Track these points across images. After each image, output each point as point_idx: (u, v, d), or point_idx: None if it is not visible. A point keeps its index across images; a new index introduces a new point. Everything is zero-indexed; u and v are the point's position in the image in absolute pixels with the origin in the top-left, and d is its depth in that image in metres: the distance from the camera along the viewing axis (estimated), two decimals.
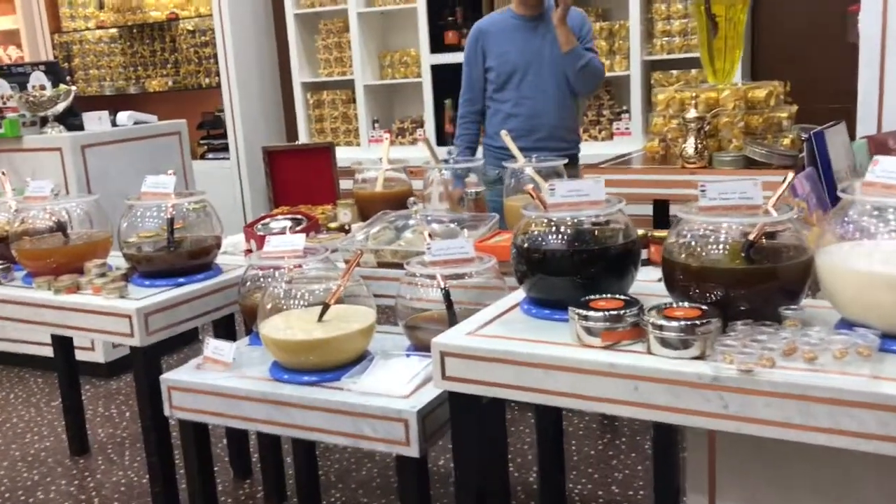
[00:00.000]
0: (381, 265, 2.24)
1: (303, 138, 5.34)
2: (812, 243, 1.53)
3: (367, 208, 2.59)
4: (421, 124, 5.05)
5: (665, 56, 4.36)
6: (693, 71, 4.27)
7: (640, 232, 1.85)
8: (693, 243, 1.53)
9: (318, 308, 1.87)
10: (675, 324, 1.40)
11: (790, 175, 1.55)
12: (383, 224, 2.38)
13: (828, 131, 2.44)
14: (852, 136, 2.80)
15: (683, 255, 1.53)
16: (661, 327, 1.41)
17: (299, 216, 2.53)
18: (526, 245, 1.68)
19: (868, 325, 1.36)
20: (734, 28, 2.75)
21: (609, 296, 1.57)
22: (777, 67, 4.28)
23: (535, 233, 1.69)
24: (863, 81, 3.41)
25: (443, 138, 4.87)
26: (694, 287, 1.49)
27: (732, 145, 2.67)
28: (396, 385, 1.76)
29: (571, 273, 1.63)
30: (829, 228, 1.48)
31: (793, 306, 1.44)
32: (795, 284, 1.48)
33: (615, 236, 1.66)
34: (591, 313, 1.49)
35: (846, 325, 1.42)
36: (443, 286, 1.89)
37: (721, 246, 1.50)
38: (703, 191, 1.54)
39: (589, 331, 1.49)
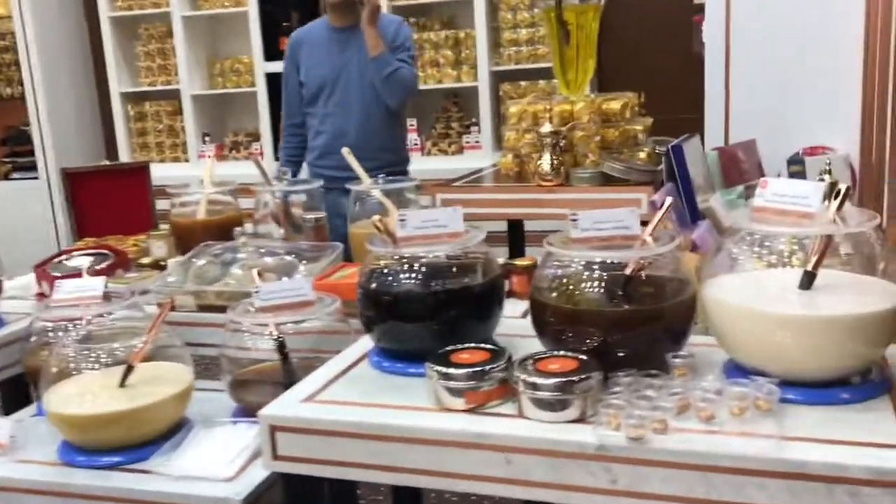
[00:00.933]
0: (202, 309, 1.91)
1: (123, 154, 4.82)
2: (692, 273, 1.37)
3: (186, 239, 2.23)
4: (256, 138, 4.68)
5: (513, 66, 4.24)
6: (541, 82, 4.17)
7: (500, 261, 1.64)
8: (565, 281, 1.32)
9: (120, 370, 1.52)
10: (549, 381, 1.18)
11: (668, 200, 1.37)
12: (206, 258, 2.04)
13: (685, 144, 2.36)
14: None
15: (555, 296, 1.31)
16: (533, 385, 1.19)
17: (104, 251, 2.14)
18: (373, 286, 1.42)
19: (762, 370, 1.20)
20: (586, 37, 2.61)
21: (472, 345, 1.33)
22: (623, 78, 4.25)
23: (385, 272, 1.43)
24: (709, 92, 3.41)
25: None
26: (567, 332, 1.29)
27: (589, 160, 2.53)
28: (219, 464, 1.43)
29: (428, 318, 1.38)
30: (716, 259, 1.31)
31: (681, 352, 1.26)
32: (681, 324, 1.30)
33: (478, 273, 1.43)
34: (453, 370, 1.25)
35: (737, 367, 1.26)
36: (276, 336, 1.59)
37: (597, 284, 1.30)
38: (574, 220, 1.34)
39: (450, 391, 1.25)
